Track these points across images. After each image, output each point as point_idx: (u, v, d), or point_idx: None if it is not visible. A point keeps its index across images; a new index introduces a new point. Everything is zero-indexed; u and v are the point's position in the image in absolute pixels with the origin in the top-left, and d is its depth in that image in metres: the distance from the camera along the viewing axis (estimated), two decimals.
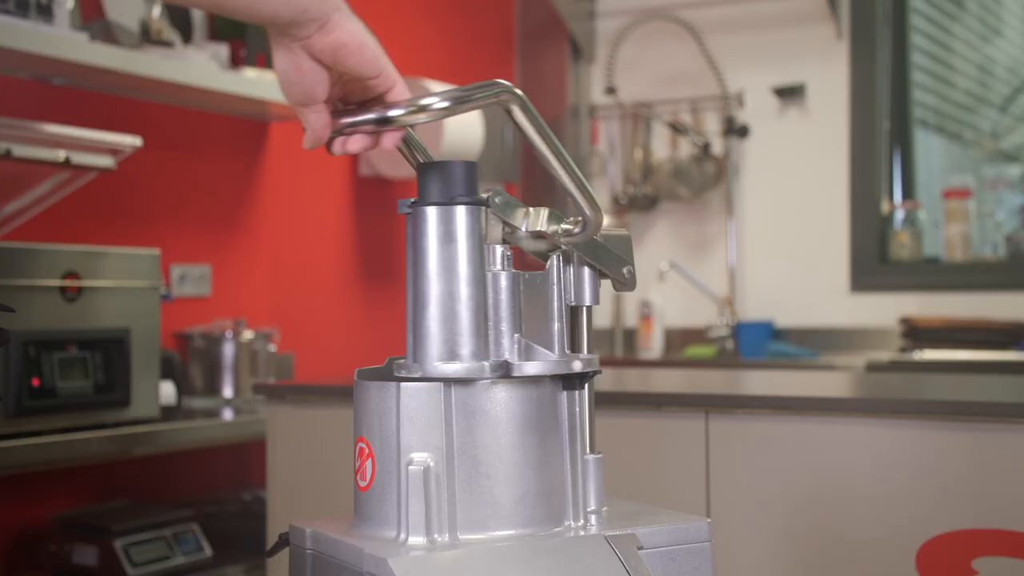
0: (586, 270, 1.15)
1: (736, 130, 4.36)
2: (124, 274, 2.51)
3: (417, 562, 0.98)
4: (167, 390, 2.79)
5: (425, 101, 1.00)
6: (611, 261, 1.16)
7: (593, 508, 1.12)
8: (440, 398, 1.05)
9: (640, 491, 1.95)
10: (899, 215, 4.18)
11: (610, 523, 1.10)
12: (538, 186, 4.63)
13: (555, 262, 1.13)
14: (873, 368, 3.48)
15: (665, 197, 4.51)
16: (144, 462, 2.95)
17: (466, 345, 1.05)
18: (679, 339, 4.45)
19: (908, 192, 4.31)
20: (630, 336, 4.53)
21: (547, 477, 1.07)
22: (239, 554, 2.81)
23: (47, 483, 2.75)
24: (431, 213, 1.05)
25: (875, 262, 4.18)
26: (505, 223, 1.12)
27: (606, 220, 3.41)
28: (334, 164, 3.77)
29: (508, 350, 1.08)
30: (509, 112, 1.03)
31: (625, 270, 1.15)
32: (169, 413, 2.74)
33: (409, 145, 1.13)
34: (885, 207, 4.22)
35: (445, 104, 1.00)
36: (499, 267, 1.09)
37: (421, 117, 1.00)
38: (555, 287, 1.13)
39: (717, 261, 4.46)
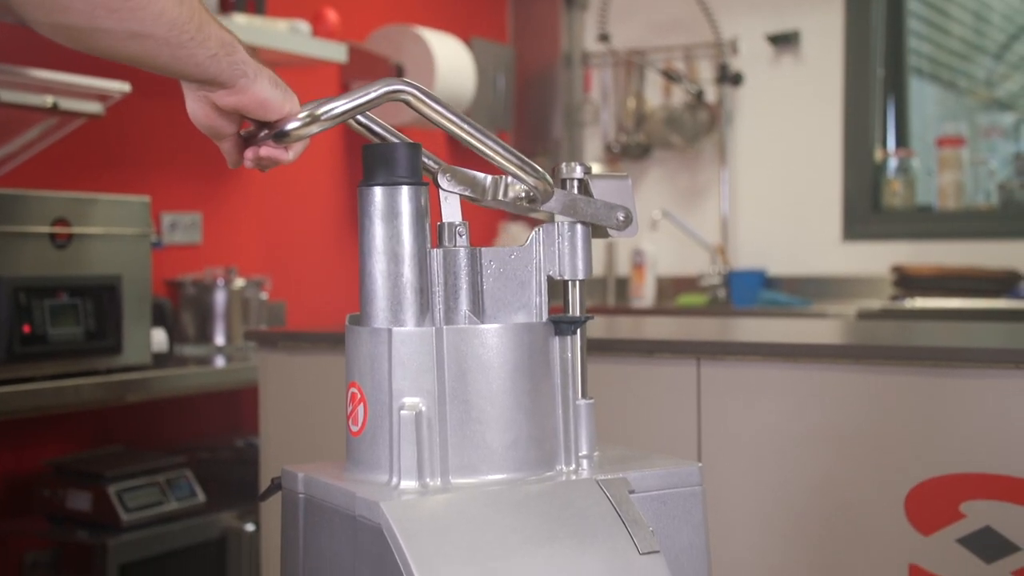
0: (579, 240, 1.13)
1: (730, 78, 4.34)
2: (114, 221, 2.49)
3: (409, 506, 0.98)
4: (159, 337, 2.78)
5: (319, 111, 1.03)
6: (600, 211, 1.14)
7: (584, 453, 1.12)
8: (432, 343, 1.04)
9: (631, 437, 1.96)
10: (892, 163, 4.17)
11: (601, 467, 1.10)
12: (531, 133, 4.61)
13: (537, 235, 1.12)
14: (864, 316, 3.49)
15: (658, 145, 4.49)
16: (136, 409, 2.95)
17: (409, 322, 1.05)
18: (671, 288, 4.45)
19: (902, 140, 4.30)
20: (622, 285, 4.53)
21: (539, 422, 1.08)
22: (232, 500, 2.82)
23: (40, 429, 2.76)
24: (374, 193, 1.06)
25: (868, 210, 4.18)
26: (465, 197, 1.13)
27: (600, 168, 3.40)
28: None
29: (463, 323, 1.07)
30: (409, 105, 1.03)
31: (620, 215, 1.14)
32: (161, 360, 2.74)
33: (369, 126, 1.17)
34: (878, 155, 4.21)
35: (336, 111, 1.02)
36: (448, 243, 1.09)
37: (314, 128, 1.03)
38: (534, 260, 1.12)
39: (710, 209, 4.45)
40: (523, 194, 1.14)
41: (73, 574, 2.54)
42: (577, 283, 1.14)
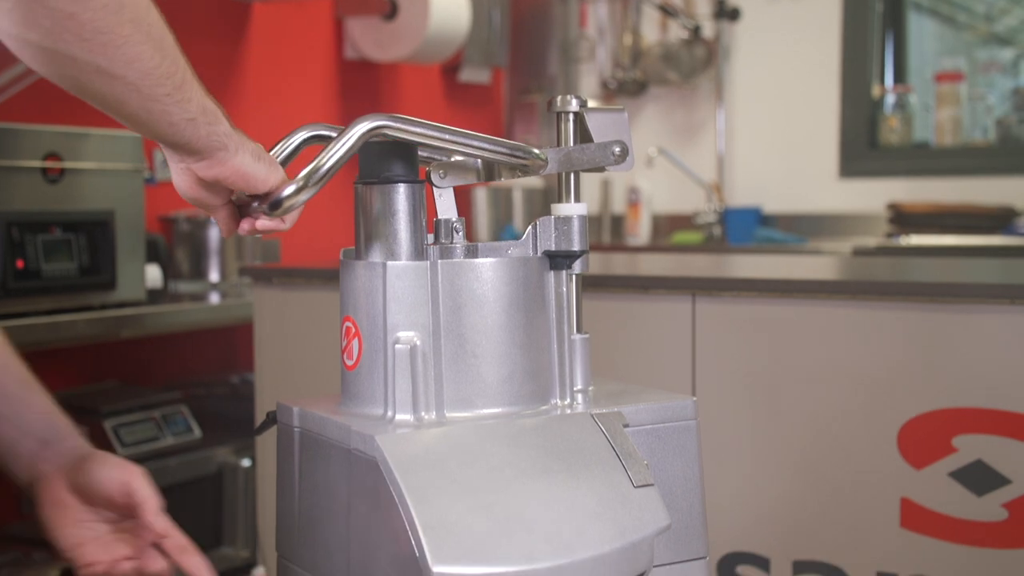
0: (574, 221, 1.12)
1: (727, 13, 4.29)
2: (107, 156, 2.48)
3: (404, 439, 0.98)
4: (153, 273, 2.78)
5: (309, 176, 1.00)
6: (595, 154, 1.13)
7: (579, 387, 1.12)
8: (427, 277, 1.04)
9: (626, 373, 1.96)
10: (890, 100, 4.14)
11: (596, 402, 1.10)
12: (526, 70, 4.57)
13: (533, 229, 1.11)
14: (859, 253, 3.49)
15: (654, 82, 4.46)
16: (131, 345, 2.95)
17: (404, 255, 1.06)
18: (666, 225, 4.44)
19: (900, 76, 4.27)
20: (617, 222, 4.52)
21: (534, 356, 1.07)
22: (228, 435, 2.84)
23: (35, 365, 2.74)
24: (371, 191, 1.06)
25: (864, 147, 4.16)
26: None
27: (596, 103, 3.37)
28: (318, 47, 3.71)
29: None
30: (390, 136, 1.03)
31: (615, 149, 1.13)
32: (155, 296, 2.73)
33: None
34: (876, 91, 4.18)
35: (325, 169, 0.99)
36: (444, 240, 1.09)
37: (305, 195, 1.00)
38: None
39: (706, 146, 4.43)
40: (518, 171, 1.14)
41: None
42: (574, 218, 1.13)
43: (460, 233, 1.10)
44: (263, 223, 1.03)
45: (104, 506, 1.17)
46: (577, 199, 1.13)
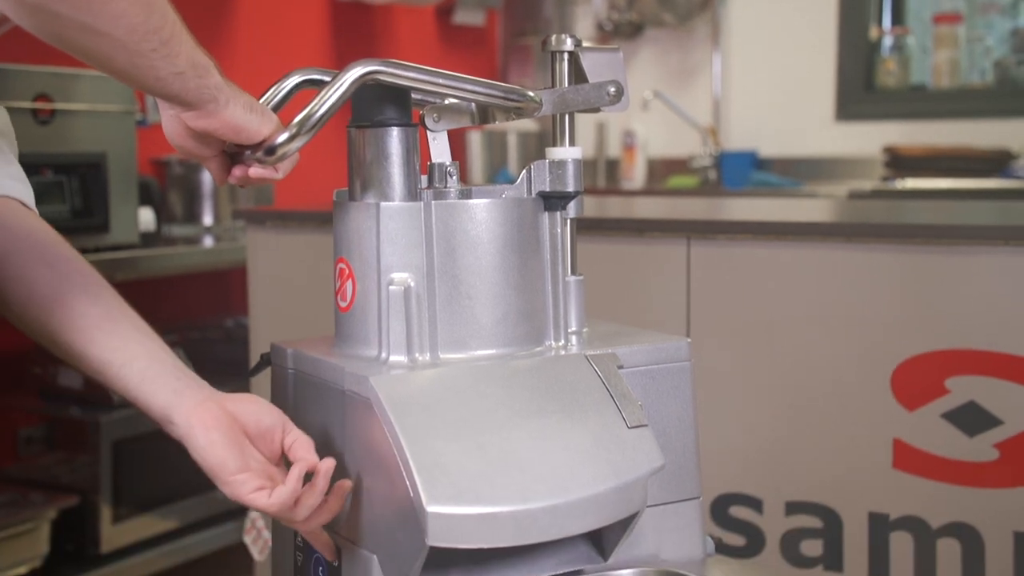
0: (568, 164, 1.11)
1: None
2: (98, 97, 2.46)
3: (398, 380, 0.98)
4: (146, 216, 2.77)
5: (303, 123, 0.99)
6: (590, 95, 1.12)
7: (574, 329, 1.12)
8: (421, 217, 1.03)
9: (621, 316, 1.96)
10: (887, 42, 4.11)
11: (590, 343, 1.10)
12: (521, 12, 4.53)
13: (528, 173, 1.10)
14: (855, 197, 3.48)
15: (650, 24, 4.42)
16: (125, 288, 2.93)
17: (398, 196, 1.05)
18: (662, 169, 4.43)
19: (897, 18, 4.23)
20: (612, 166, 4.50)
21: (528, 297, 1.07)
22: (222, 379, 2.81)
23: None
24: (364, 135, 1.05)
25: (861, 90, 4.14)
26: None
27: (590, 43, 3.32)
28: None
29: None
30: (384, 82, 1.01)
31: (610, 89, 1.12)
32: (149, 240, 2.72)
33: None
34: (873, 33, 4.15)
35: (318, 115, 0.99)
36: (439, 184, 1.08)
37: (299, 142, 0.99)
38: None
39: (702, 89, 4.40)
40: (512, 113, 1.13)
41: (67, 450, 2.56)
42: (569, 162, 1.12)
43: (454, 177, 1.09)
44: (256, 171, 1.02)
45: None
46: (572, 143, 1.13)
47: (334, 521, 1.03)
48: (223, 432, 1.00)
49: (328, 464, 0.98)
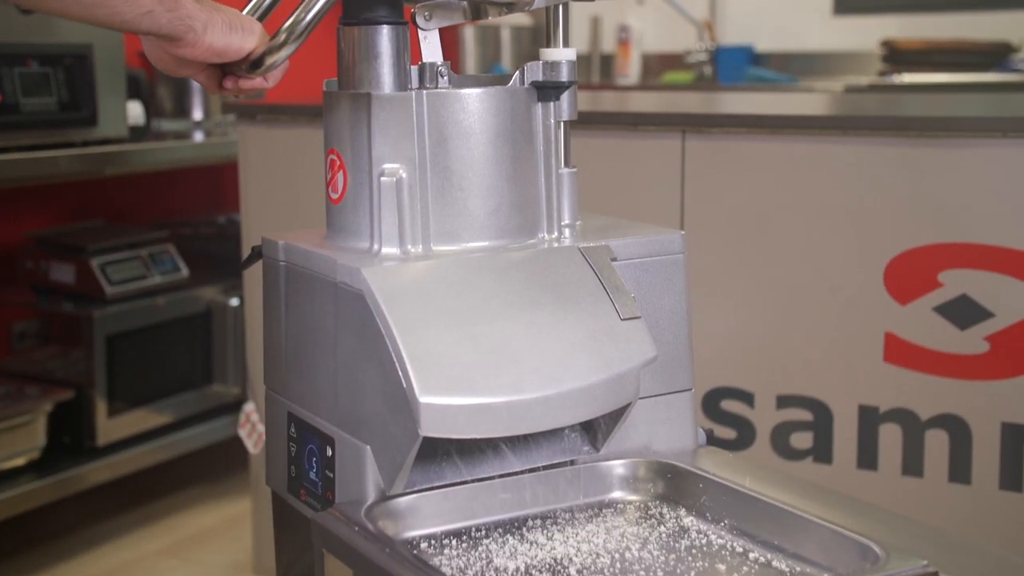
0: (563, 64, 1.08)
1: None
2: None
3: (390, 272, 0.98)
4: (135, 110, 2.74)
5: (289, 32, 0.97)
6: None
7: (567, 222, 1.11)
8: (412, 108, 1.02)
9: (615, 210, 1.95)
10: None
11: (584, 236, 1.10)
12: None
13: (519, 75, 1.07)
14: (852, 91, 3.44)
15: None
16: (115, 183, 2.93)
17: (389, 86, 1.04)
18: (657, 65, 4.37)
19: None
20: (607, 62, 4.45)
21: (521, 189, 1.06)
22: (215, 275, 2.84)
23: (19, 201, 2.74)
24: (354, 33, 1.03)
25: None
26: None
27: None
28: None
29: None
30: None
31: None
32: (138, 134, 2.70)
33: None
34: None
35: (305, 22, 0.97)
36: (429, 85, 1.05)
37: (286, 51, 0.98)
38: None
39: None
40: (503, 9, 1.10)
41: (60, 344, 2.57)
42: (563, 63, 1.10)
43: (445, 77, 1.07)
44: (246, 82, 1.01)
45: None
46: (566, 42, 1.11)
47: (328, 412, 1.03)
48: None
49: None
